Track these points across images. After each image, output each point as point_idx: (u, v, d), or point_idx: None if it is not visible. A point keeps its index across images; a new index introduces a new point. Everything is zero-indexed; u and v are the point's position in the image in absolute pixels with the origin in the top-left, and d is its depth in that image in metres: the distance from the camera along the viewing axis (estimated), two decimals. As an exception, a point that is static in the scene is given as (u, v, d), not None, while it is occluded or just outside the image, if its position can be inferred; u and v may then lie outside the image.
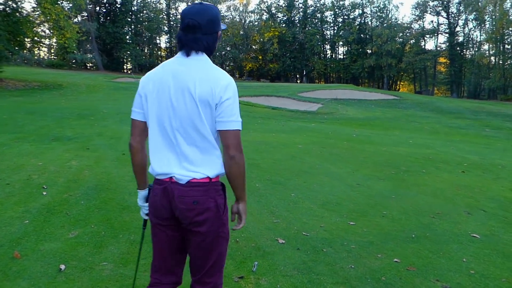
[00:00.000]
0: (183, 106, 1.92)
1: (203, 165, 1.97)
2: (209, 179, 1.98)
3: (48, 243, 3.73)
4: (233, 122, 1.93)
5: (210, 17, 1.98)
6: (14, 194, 5.01)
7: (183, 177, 1.95)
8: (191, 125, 1.94)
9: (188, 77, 1.93)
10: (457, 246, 4.23)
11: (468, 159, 9.46)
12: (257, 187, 6.05)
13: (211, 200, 1.98)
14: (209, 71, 1.97)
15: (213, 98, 1.90)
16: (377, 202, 5.68)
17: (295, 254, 3.85)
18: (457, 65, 65.34)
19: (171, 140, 1.98)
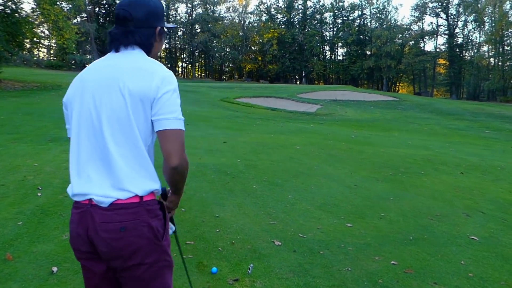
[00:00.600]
0: (109, 106, 1.59)
1: (131, 181, 1.59)
2: (139, 198, 1.59)
3: (41, 245, 3.68)
4: (174, 120, 1.58)
5: (147, 9, 1.71)
6: (9, 195, 4.96)
7: (105, 198, 1.56)
8: (117, 130, 1.59)
9: (116, 72, 1.62)
10: (455, 249, 4.18)
11: (467, 161, 9.42)
12: (254, 188, 6.00)
13: (144, 224, 1.59)
14: (142, 63, 1.66)
15: (148, 94, 1.58)
16: (375, 203, 5.63)
17: (291, 256, 3.80)
18: (456, 66, 65.39)
19: (93, 152, 1.61)
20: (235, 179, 6.43)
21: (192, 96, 26.90)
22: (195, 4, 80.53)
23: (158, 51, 1.87)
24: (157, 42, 1.80)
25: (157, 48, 1.82)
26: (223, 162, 7.48)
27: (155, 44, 1.79)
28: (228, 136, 11.01)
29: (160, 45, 1.83)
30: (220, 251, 3.82)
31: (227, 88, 36.68)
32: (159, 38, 1.80)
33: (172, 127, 1.58)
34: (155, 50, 1.81)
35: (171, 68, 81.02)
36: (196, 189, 5.72)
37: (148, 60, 1.69)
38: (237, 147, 9.23)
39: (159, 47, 1.83)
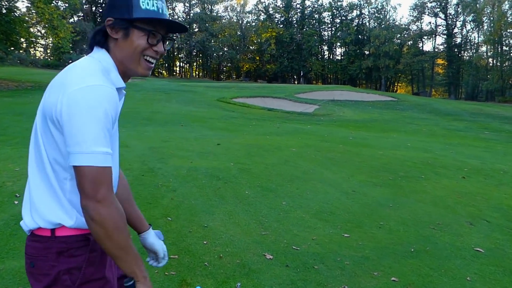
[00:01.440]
0: (34, 126, 1.37)
1: (36, 211, 1.34)
2: (50, 232, 1.32)
3: (10, 261, 3.37)
4: (81, 155, 1.21)
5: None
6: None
7: (24, 225, 1.38)
8: (32, 151, 1.37)
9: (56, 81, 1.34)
10: (460, 262, 3.89)
11: (468, 164, 9.13)
12: (247, 194, 5.70)
13: (50, 266, 1.31)
14: (69, 72, 1.31)
15: (55, 115, 1.25)
16: (374, 211, 5.34)
17: (283, 272, 3.51)
18: (455, 66, 65.24)
19: (28, 173, 1.39)
20: (227, 184, 6.13)
21: (188, 96, 26.61)
22: (192, 3, 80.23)
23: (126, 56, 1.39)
24: (117, 42, 1.39)
25: (120, 49, 1.39)
26: (216, 166, 7.18)
27: (111, 42, 1.40)
28: (222, 138, 10.71)
29: (123, 45, 1.38)
30: (206, 267, 3.52)
31: (224, 88, 36.38)
32: (114, 32, 1.37)
33: (78, 163, 1.22)
34: (119, 52, 1.39)
35: (168, 67, 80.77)
36: (185, 196, 5.42)
37: (78, 68, 1.32)
38: (231, 149, 8.93)
39: (123, 49, 1.38)
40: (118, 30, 1.37)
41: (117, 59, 1.39)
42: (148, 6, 1.36)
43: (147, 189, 5.60)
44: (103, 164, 1.24)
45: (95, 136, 1.22)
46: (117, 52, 1.38)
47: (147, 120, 14.30)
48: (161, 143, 9.20)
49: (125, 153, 7.72)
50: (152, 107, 19.25)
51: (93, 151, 1.22)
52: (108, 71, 1.35)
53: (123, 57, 1.38)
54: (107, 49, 1.39)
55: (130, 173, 6.32)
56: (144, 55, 1.40)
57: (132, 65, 1.40)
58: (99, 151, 1.23)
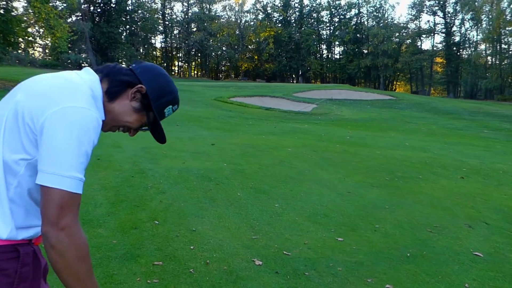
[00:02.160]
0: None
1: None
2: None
3: None
4: (54, 176, 1.13)
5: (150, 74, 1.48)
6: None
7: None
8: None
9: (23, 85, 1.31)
10: (458, 268, 3.73)
11: (467, 163, 8.96)
12: (239, 196, 5.53)
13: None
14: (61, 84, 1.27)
15: (37, 121, 1.17)
16: (369, 213, 5.17)
17: (273, 279, 3.34)
18: (453, 65, 65.16)
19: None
20: (219, 185, 5.96)
21: (186, 95, 26.44)
22: (191, 2, 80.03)
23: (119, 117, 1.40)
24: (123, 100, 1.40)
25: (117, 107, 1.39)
26: (208, 167, 7.01)
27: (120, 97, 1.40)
28: (217, 138, 10.54)
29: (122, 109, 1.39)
30: (192, 274, 3.35)
31: (222, 87, 36.22)
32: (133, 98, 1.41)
33: (49, 184, 1.14)
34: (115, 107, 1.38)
35: (167, 67, 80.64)
36: (174, 198, 5.25)
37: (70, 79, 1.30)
38: (226, 149, 8.76)
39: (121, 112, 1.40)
40: (138, 101, 1.40)
41: (111, 107, 1.36)
42: (166, 113, 1.52)
43: (136, 191, 5.43)
44: (76, 190, 1.17)
45: (76, 160, 1.17)
46: (120, 107, 1.38)
47: (142, 120, 14.10)
48: (154, 143, 8.94)
49: (116, 154, 7.56)
50: (148, 106, 19.09)
51: (70, 175, 1.15)
52: (96, 99, 1.30)
53: (117, 114, 1.38)
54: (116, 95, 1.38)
55: (120, 174, 6.16)
56: (124, 126, 1.43)
57: (110, 124, 1.40)
58: (75, 177, 1.17)
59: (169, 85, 1.50)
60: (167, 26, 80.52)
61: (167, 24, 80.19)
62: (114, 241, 3.86)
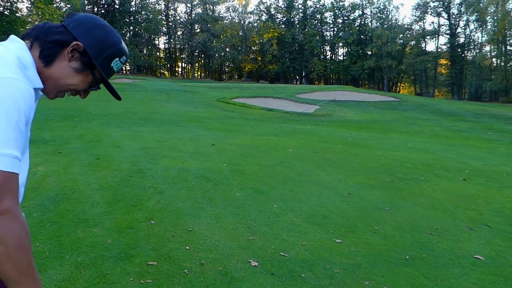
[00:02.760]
0: None
1: None
2: None
3: None
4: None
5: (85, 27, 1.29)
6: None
7: None
8: None
9: None
10: (457, 271, 3.65)
11: (470, 165, 8.87)
12: (237, 196, 5.47)
13: None
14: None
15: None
16: (369, 215, 5.10)
17: (268, 281, 3.28)
18: (458, 66, 64.90)
19: None
20: (218, 186, 5.90)
21: (188, 96, 26.43)
22: (194, 4, 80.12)
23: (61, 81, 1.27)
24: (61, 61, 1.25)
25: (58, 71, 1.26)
26: (208, 167, 6.96)
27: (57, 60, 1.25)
28: (218, 138, 10.49)
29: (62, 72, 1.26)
30: (186, 274, 3.30)
31: (225, 88, 36.20)
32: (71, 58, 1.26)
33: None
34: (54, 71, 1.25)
35: (170, 68, 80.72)
36: (172, 198, 5.20)
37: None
38: (226, 150, 8.71)
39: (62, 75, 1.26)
40: (77, 60, 1.26)
41: (49, 72, 1.24)
42: (115, 67, 1.33)
43: (133, 191, 5.38)
44: (11, 169, 1.04)
45: (7, 135, 1.03)
46: (59, 70, 1.25)
47: (143, 120, 14.09)
48: (155, 144, 8.99)
49: (115, 154, 7.52)
50: (151, 107, 19.07)
51: (3, 152, 1.02)
52: (26, 67, 1.17)
53: (58, 78, 1.26)
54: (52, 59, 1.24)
55: (118, 174, 6.11)
56: (70, 90, 1.31)
57: (55, 90, 1.29)
58: (8, 154, 1.03)
59: (109, 36, 1.30)
60: (171, 27, 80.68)
61: (170, 25, 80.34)
62: (109, 240, 3.81)
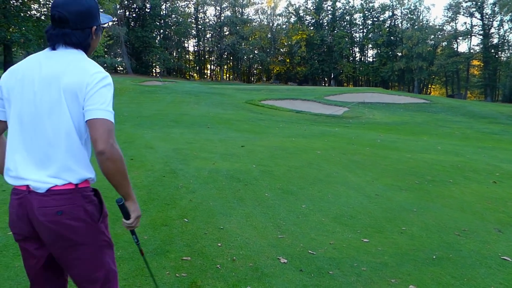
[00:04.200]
0: (48, 100, 1.67)
1: (67, 170, 1.69)
2: (74, 185, 1.70)
3: (25, 259, 3.41)
4: (102, 111, 1.64)
5: (79, 9, 1.74)
6: (6, 202, 4.74)
7: (42, 184, 1.67)
8: (55, 121, 1.67)
9: (58, 69, 1.69)
10: (484, 271, 3.70)
11: (501, 168, 8.77)
12: (266, 197, 5.63)
13: (79, 208, 1.70)
14: (79, 62, 1.72)
15: (81, 90, 1.66)
16: (396, 216, 5.17)
17: (297, 277, 3.42)
18: (491, 68, 63.23)
19: (31, 140, 1.70)
20: (247, 186, 6.08)
21: (217, 98, 26.75)
22: (223, 6, 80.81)
23: (95, 47, 1.90)
24: (93, 40, 1.85)
25: (94, 44, 1.88)
26: (237, 168, 7.14)
27: (91, 42, 1.84)
28: (247, 140, 10.68)
29: (97, 40, 1.87)
30: (218, 269, 3.47)
31: (254, 91, 36.43)
32: (96, 36, 1.86)
33: (99, 116, 1.63)
34: (92, 47, 1.87)
35: (199, 70, 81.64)
36: (204, 197, 5.39)
37: (85, 60, 1.75)
38: (255, 151, 8.88)
39: (96, 43, 1.88)
40: (97, 32, 1.88)
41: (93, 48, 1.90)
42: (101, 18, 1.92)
43: (166, 190, 5.61)
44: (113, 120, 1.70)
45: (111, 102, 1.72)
46: (90, 48, 1.87)
47: (174, 122, 14.42)
48: (186, 145, 9.24)
49: (148, 154, 7.79)
50: (181, 109, 19.43)
51: (111, 110, 1.70)
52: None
53: (92, 50, 1.89)
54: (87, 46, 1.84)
55: (152, 174, 6.36)
56: None
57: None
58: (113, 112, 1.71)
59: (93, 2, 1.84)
60: (200, 30, 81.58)
61: (200, 28, 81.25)
62: (145, 236, 4.03)
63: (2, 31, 21.53)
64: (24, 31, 22.71)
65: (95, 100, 1.64)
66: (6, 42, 22.52)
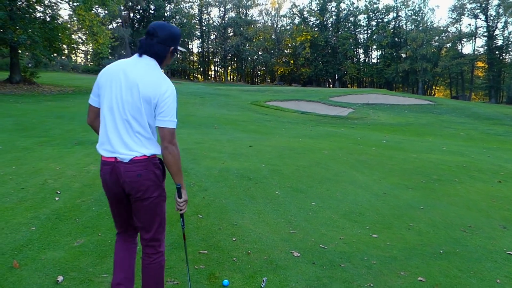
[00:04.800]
0: (130, 100, 2.35)
1: (141, 147, 2.39)
2: (147, 157, 2.40)
3: (51, 252, 3.58)
4: (168, 121, 2.36)
5: (168, 32, 2.44)
6: (27, 199, 4.92)
7: (126, 156, 2.37)
8: (134, 116, 2.36)
9: (138, 77, 2.35)
10: (490, 265, 3.85)
11: (505, 168, 8.89)
12: (277, 194, 5.78)
13: (151, 172, 2.41)
14: (154, 75, 2.39)
15: (153, 99, 2.34)
16: (404, 213, 5.32)
17: (310, 269, 3.57)
18: (496, 69, 63.10)
19: (118, 126, 2.38)
20: (258, 184, 6.23)
21: (222, 99, 26.91)
22: (227, 8, 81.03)
23: (167, 63, 2.56)
24: (168, 57, 2.50)
25: (167, 61, 2.53)
26: (247, 167, 7.30)
27: (166, 58, 2.49)
28: (254, 140, 10.83)
29: (169, 60, 2.53)
30: (235, 262, 3.63)
31: (258, 92, 36.59)
32: (171, 55, 2.51)
33: (166, 126, 2.36)
34: (166, 62, 2.52)
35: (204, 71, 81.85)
36: (216, 195, 5.55)
37: (159, 74, 2.41)
38: (263, 151, 9.03)
39: (168, 61, 2.54)
40: (172, 53, 2.52)
41: (166, 63, 2.54)
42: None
43: (179, 188, 5.76)
44: (176, 127, 2.41)
45: (175, 113, 2.41)
46: (164, 62, 2.52)
47: (181, 122, 14.56)
48: (194, 145, 9.41)
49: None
50: (187, 110, 19.59)
51: (175, 121, 2.40)
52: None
53: (165, 64, 2.54)
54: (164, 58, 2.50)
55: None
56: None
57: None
58: (176, 121, 2.41)
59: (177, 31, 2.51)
60: (204, 31, 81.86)
61: (204, 29, 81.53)
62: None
63: (9, 33, 21.70)
64: (30, 33, 22.89)
65: (164, 113, 2.35)
66: (13, 44, 22.69)
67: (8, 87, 23.56)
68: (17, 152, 7.64)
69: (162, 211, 2.57)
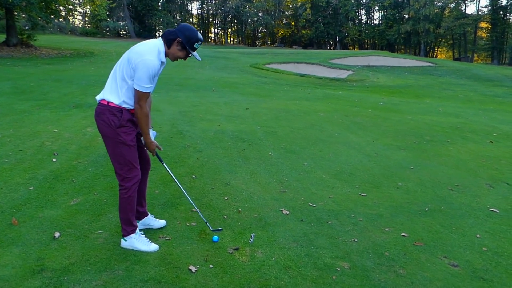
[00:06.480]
0: (124, 60, 2.92)
1: (108, 94, 2.93)
2: (106, 102, 2.92)
3: (48, 210, 3.72)
4: (137, 85, 2.85)
5: (185, 28, 2.96)
6: (25, 161, 5.04)
7: (98, 98, 2.99)
8: (119, 70, 2.94)
9: (137, 45, 2.96)
10: (472, 221, 3.99)
11: (499, 129, 8.98)
12: (270, 156, 5.90)
13: (105, 116, 2.91)
14: (146, 47, 2.92)
15: (132, 63, 2.86)
16: (394, 173, 5.44)
17: (297, 226, 3.71)
18: (499, 30, 62.18)
19: (109, 78, 3.01)
20: (252, 146, 6.34)
21: (222, 62, 26.73)
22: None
23: (174, 54, 3.01)
24: (173, 46, 2.97)
25: (172, 50, 2.99)
26: (242, 129, 7.39)
27: (172, 45, 2.96)
28: (252, 103, 10.88)
29: (176, 50, 2.98)
30: (225, 219, 3.77)
31: (258, 54, 36.27)
32: (177, 45, 2.96)
33: (136, 88, 2.87)
34: (172, 51, 2.99)
35: (203, 33, 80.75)
36: (210, 156, 5.67)
37: (152, 48, 2.92)
38: (259, 113, 9.10)
39: (173, 51, 2.99)
40: (179, 46, 2.99)
41: (169, 51, 3.00)
42: (196, 46, 3.03)
43: (174, 150, 5.88)
44: (145, 91, 2.88)
45: (145, 80, 2.86)
46: (172, 49, 2.99)
47: (179, 86, 14.59)
48: (191, 108, 9.47)
49: (156, 117, 8.03)
50: (185, 73, 19.53)
51: (144, 86, 2.86)
52: (160, 52, 2.95)
53: (173, 53, 3.01)
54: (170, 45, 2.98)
55: (160, 135, 6.61)
56: (179, 58, 3.08)
57: (173, 57, 3.06)
58: (145, 86, 2.86)
59: (193, 34, 2.97)
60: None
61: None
62: (157, 191, 4.32)
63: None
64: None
65: (136, 78, 2.85)
66: (8, 6, 22.32)
67: (5, 50, 23.38)
68: (15, 115, 7.72)
69: (116, 152, 2.98)
